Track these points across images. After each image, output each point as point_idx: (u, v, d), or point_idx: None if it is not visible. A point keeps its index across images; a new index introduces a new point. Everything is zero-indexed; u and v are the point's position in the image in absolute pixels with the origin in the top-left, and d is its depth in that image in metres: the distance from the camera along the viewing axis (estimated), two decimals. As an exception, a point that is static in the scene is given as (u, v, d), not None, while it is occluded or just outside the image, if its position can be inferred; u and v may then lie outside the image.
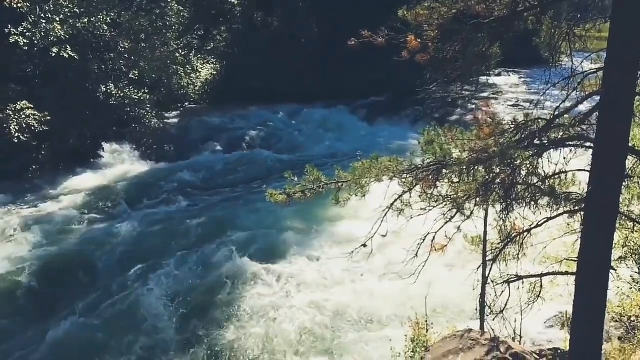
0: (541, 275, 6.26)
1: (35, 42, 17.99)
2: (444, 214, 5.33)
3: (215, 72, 27.24)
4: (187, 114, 24.79)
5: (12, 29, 17.53)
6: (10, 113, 17.69)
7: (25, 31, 17.56)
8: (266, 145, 21.92)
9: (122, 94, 20.97)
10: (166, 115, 23.71)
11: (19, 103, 17.98)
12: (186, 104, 25.76)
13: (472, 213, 5.22)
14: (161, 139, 21.85)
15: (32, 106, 18.08)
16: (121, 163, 19.93)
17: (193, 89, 26.01)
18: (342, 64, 25.50)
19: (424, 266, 5.59)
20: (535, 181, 5.28)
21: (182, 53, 24.66)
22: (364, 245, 5.92)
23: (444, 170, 5.57)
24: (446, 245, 5.34)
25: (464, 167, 5.11)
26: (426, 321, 7.98)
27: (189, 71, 25.32)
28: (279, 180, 6.58)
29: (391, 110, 25.14)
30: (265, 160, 20.30)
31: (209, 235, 14.06)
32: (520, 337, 7.79)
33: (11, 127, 17.53)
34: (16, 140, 17.61)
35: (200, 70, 26.55)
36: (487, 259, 6.77)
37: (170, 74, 23.67)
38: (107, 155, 20.17)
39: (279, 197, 6.21)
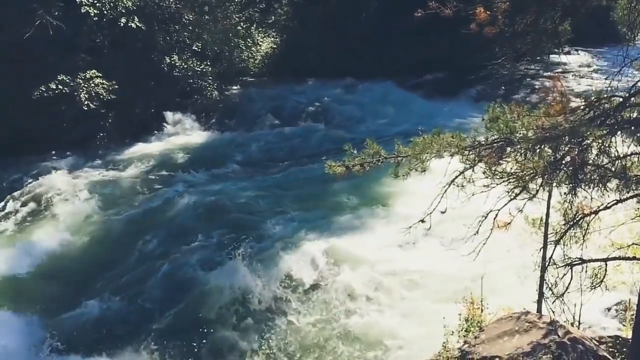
0: (606, 260, 6.05)
1: (105, 12, 18.59)
2: (508, 192, 5.21)
3: (275, 46, 27.32)
4: (247, 87, 25.04)
5: (83, 0, 18.15)
6: (80, 81, 18.43)
7: (95, 2, 18.15)
8: (324, 120, 21.92)
9: (185, 66, 21.41)
10: (227, 87, 24.06)
11: (88, 72, 18.69)
12: (246, 77, 26.00)
13: (537, 192, 5.08)
14: (221, 111, 22.25)
15: (100, 75, 18.76)
16: (183, 133, 20.42)
17: (253, 63, 26.20)
18: (401, 39, 25.05)
19: (484, 244, 5.50)
20: (605, 162, 5.07)
21: (244, 26, 24.84)
22: (422, 221, 5.88)
23: (508, 148, 5.42)
24: (510, 223, 5.22)
25: (530, 145, 4.96)
26: (481, 301, 7.88)
27: (249, 44, 25.49)
28: (336, 155, 6.61)
29: (451, 87, 24.51)
30: (323, 135, 20.33)
31: (265, 208, 14.25)
32: (579, 323, 7.59)
33: (81, 95, 18.27)
34: (85, 108, 18.36)
35: (260, 43, 26.68)
36: (549, 241, 6.60)
37: (231, 47, 23.93)
38: (169, 125, 20.70)
39: (338, 169, 6.24)
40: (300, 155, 18.51)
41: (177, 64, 21.24)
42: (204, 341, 9.99)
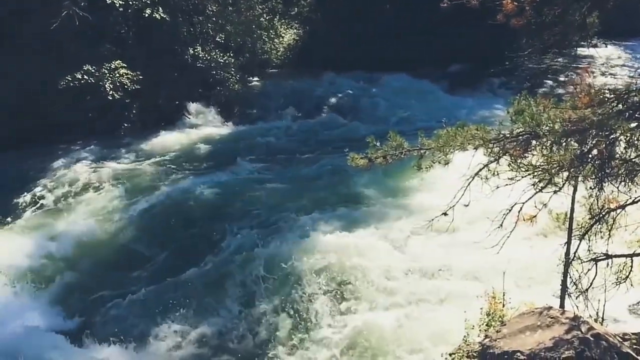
0: (632, 255, 5.96)
1: (130, 3, 18.74)
2: (534, 185, 5.16)
3: (297, 38, 27.31)
4: (269, 78, 25.09)
5: (109, -9, 18.34)
6: (106, 72, 18.64)
7: (120, -8, 18.31)
8: (345, 112, 21.87)
9: (208, 57, 21.51)
10: (249, 79, 24.14)
11: (113, 62, 18.90)
12: (268, 69, 26.05)
13: (563, 185, 5.03)
14: (243, 103, 22.33)
15: (125, 65, 18.95)
16: (205, 125, 20.54)
17: (275, 54, 26.25)
18: (424, 31, 24.86)
19: (508, 237, 5.46)
20: (633, 155, 4.99)
21: (267, 17, 24.88)
22: (445, 214, 5.87)
23: (534, 141, 5.37)
24: (535, 216, 5.17)
25: (557, 138, 4.90)
26: (503, 295, 7.82)
27: (272, 36, 25.53)
28: (358, 148, 6.55)
29: (474, 80, 24.33)
30: (344, 128, 20.30)
31: (286, 200, 14.21)
32: (603, 319, 7.50)
33: (106, 85, 18.49)
34: (110, 98, 18.58)
35: (283, 35, 26.70)
36: (573, 235, 6.52)
37: (254, 39, 23.98)
38: (192, 116, 20.85)
39: (360, 161, 6.26)
40: (322, 148, 18.49)
41: (200, 55, 21.36)
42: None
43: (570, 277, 6.51)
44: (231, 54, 22.37)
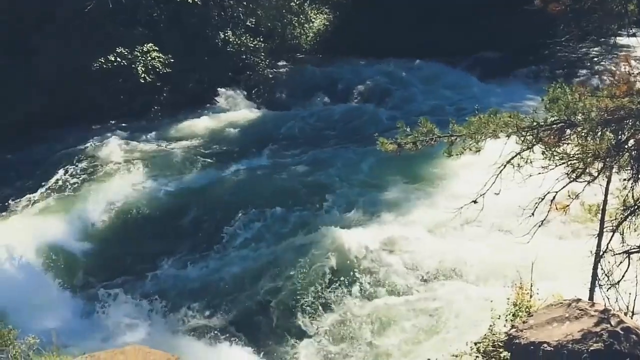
0: (667, 249, 5.84)
1: (162, -14, 18.85)
2: (567, 174, 5.07)
3: (327, 23, 27.10)
4: (298, 64, 24.98)
5: (141, -25, 18.48)
6: (138, 54, 18.87)
7: (153, -24, 18.43)
8: (374, 99, 21.68)
9: (238, 42, 21.56)
10: (278, 64, 24.12)
11: (145, 45, 19.09)
12: (297, 54, 25.96)
13: (598, 175, 4.94)
14: (272, 88, 22.34)
15: (157, 49, 19.13)
16: (234, 109, 20.60)
17: (305, 39, 26.09)
18: (455, 18, 24.44)
19: (540, 225, 5.40)
20: (672, 146, 4.87)
21: (297, 2, 24.75)
22: (475, 202, 5.82)
23: (568, 130, 5.27)
24: (568, 206, 5.09)
25: (592, 127, 4.80)
26: (531, 286, 7.73)
27: (302, 21, 25.37)
28: (386, 134, 6.48)
29: (506, 68, 23.80)
30: (373, 114, 20.10)
31: (311, 187, 14.26)
32: (633, 313, 7.37)
33: (138, 68, 18.71)
34: (142, 81, 18.80)
35: (313, 20, 26.52)
36: (605, 227, 6.41)
37: (284, 23, 23.91)
38: (221, 100, 20.95)
39: (390, 146, 6.23)
40: (349, 135, 18.41)
41: (230, 40, 21.42)
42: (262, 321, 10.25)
43: (602, 269, 6.41)
44: (261, 39, 22.38)
